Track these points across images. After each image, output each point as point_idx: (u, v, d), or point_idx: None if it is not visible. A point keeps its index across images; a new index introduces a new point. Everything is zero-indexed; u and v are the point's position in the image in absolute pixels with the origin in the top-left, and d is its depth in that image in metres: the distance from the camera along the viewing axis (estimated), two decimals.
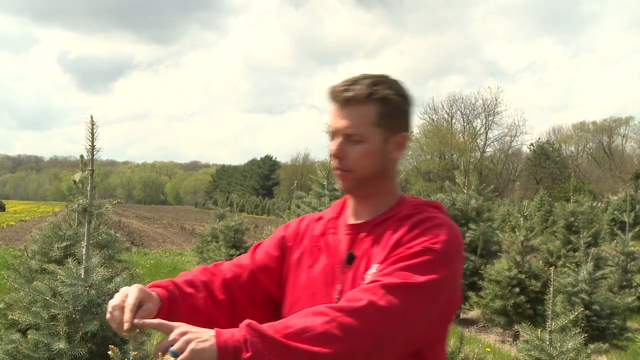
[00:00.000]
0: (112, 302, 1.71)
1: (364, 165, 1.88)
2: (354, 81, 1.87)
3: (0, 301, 5.92)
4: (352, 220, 1.97)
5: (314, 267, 1.96)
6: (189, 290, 1.91)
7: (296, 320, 1.61)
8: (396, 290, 1.67)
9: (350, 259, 1.89)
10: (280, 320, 1.63)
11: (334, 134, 1.90)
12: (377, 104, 1.85)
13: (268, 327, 1.57)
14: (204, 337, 1.54)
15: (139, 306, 1.71)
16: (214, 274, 2.00)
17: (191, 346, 1.52)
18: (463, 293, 10.98)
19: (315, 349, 1.56)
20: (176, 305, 1.85)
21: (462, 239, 1.87)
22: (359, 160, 1.87)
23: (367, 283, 1.73)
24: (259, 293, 2.02)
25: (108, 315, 1.71)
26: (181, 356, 1.51)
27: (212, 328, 1.63)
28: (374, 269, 1.81)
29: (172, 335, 1.56)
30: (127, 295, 1.71)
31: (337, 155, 1.88)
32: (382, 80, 1.88)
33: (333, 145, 1.90)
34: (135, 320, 1.66)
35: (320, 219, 2.07)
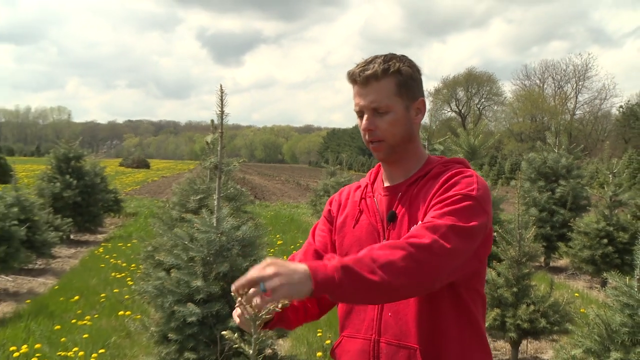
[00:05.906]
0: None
1: (394, 132, 1.90)
2: (369, 62, 1.89)
3: (148, 245, 6.26)
4: (387, 183, 2.00)
5: (357, 227, 1.99)
6: None
7: (379, 252, 1.59)
8: (450, 231, 1.68)
9: (392, 217, 1.92)
10: (366, 254, 1.60)
11: (361, 112, 1.91)
12: (394, 77, 1.88)
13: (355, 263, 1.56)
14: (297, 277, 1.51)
15: None
16: None
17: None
18: (545, 242, 10.63)
19: (395, 281, 1.56)
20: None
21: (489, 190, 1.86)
22: (388, 129, 1.89)
23: (424, 222, 1.73)
24: None
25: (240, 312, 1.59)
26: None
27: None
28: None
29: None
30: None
31: (368, 128, 1.90)
32: (392, 57, 1.91)
33: (363, 121, 1.91)
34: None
35: (359, 187, 2.11)
